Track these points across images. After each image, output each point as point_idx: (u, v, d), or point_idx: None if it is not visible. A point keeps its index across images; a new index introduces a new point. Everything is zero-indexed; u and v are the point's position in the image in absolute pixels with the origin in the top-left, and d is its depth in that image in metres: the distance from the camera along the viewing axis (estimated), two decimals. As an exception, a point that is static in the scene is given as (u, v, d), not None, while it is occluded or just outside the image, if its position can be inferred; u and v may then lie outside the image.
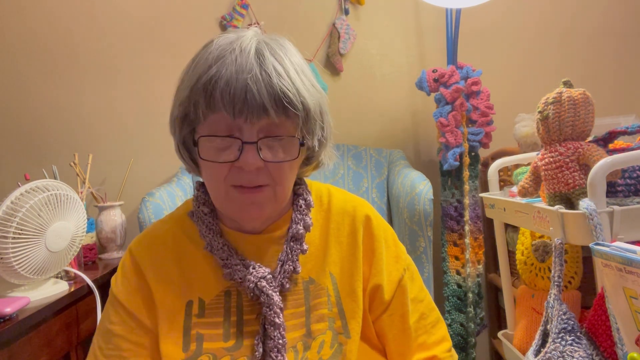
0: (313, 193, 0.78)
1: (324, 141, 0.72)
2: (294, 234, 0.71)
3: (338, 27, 1.89)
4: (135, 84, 1.86)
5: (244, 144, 0.61)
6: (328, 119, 0.71)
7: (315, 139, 0.68)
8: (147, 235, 0.76)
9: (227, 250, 0.69)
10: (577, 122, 0.90)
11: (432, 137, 1.91)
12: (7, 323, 0.93)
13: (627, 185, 0.92)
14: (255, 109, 0.59)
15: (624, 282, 0.63)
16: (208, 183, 0.69)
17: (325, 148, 0.74)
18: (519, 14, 1.97)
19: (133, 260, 0.73)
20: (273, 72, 0.60)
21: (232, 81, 0.59)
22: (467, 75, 1.59)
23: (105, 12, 1.84)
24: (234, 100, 0.59)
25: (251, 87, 0.58)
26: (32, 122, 1.83)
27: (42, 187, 1.07)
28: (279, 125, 0.63)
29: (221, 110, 0.60)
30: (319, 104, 0.67)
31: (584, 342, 0.81)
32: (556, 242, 0.88)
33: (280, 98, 0.60)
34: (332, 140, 0.75)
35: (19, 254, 1.02)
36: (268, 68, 0.60)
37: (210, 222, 0.72)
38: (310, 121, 0.65)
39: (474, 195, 1.63)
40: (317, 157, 0.75)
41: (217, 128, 0.62)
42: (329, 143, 0.74)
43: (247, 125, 0.61)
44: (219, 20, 1.86)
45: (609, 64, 1.99)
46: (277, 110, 0.60)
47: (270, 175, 0.64)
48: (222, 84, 0.59)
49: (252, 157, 0.61)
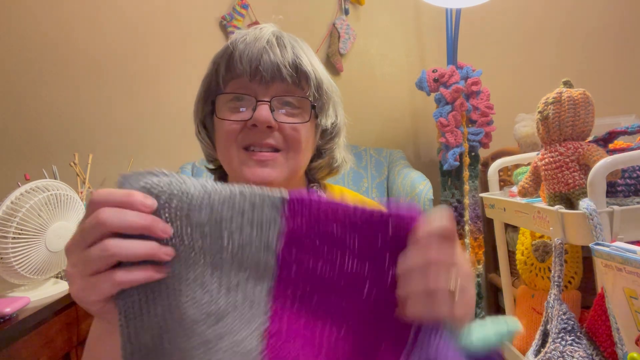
0: (327, 193, 0.79)
1: (337, 129, 0.73)
2: None
3: (338, 27, 1.89)
4: (135, 84, 1.86)
5: (258, 102, 0.64)
6: (341, 111, 0.75)
7: (329, 120, 0.70)
8: None
9: None
10: (577, 122, 0.90)
11: (432, 137, 1.91)
12: (7, 323, 0.93)
13: (627, 185, 0.92)
14: (270, 68, 0.63)
15: (624, 282, 0.63)
16: (221, 149, 0.69)
17: (339, 140, 0.75)
18: (519, 14, 1.97)
19: None
20: (289, 44, 0.66)
21: (250, 46, 0.64)
22: (467, 75, 1.59)
23: (105, 12, 1.84)
24: (250, 60, 0.64)
25: (267, 50, 0.64)
26: (32, 122, 1.83)
27: (42, 187, 1.07)
28: (292, 91, 0.66)
29: (239, 72, 0.64)
30: (331, 85, 0.71)
31: (584, 342, 0.81)
32: (556, 242, 0.88)
33: (293, 62, 0.65)
34: (346, 138, 0.76)
35: (19, 254, 1.02)
36: (284, 41, 0.66)
37: None
38: (322, 95, 0.68)
39: (474, 195, 1.63)
40: (331, 151, 0.75)
41: (235, 91, 0.66)
42: (342, 136, 0.76)
43: (262, 87, 0.65)
44: (219, 20, 1.86)
45: (609, 63, 1.99)
46: (290, 73, 0.64)
47: (283, 139, 0.65)
48: (241, 47, 0.65)
49: (264, 112, 0.63)
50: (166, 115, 1.86)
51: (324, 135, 0.73)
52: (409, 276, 0.37)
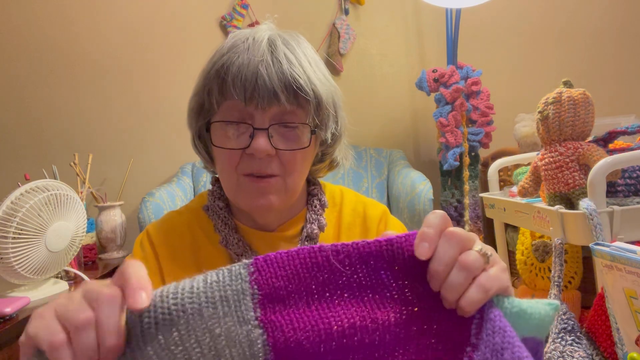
0: (326, 194, 0.78)
1: (338, 136, 0.71)
2: (309, 233, 0.71)
3: (338, 27, 1.89)
4: (135, 84, 1.86)
5: (255, 130, 0.62)
6: (342, 114, 0.72)
7: (328, 132, 0.68)
8: (164, 222, 0.76)
9: (242, 245, 0.69)
10: (577, 122, 0.90)
11: (432, 137, 1.91)
12: (7, 323, 0.93)
13: (627, 185, 0.92)
14: (266, 94, 0.60)
15: (624, 282, 0.63)
16: (221, 173, 0.69)
17: (339, 144, 0.74)
18: (519, 13, 1.97)
19: (151, 243, 0.72)
20: (284, 59, 0.61)
21: (243, 67, 0.60)
22: (467, 75, 1.59)
23: (105, 12, 1.84)
24: (245, 85, 0.60)
25: (262, 72, 0.60)
26: (32, 122, 1.83)
27: (42, 187, 1.07)
28: (291, 113, 0.63)
29: (233, 96, 0.61)
30: (331, 95, 0.67)
31: (584, 342, 0.81)
32: (556, 242, 0.88)
33: (290, 83, 0.61)
34: (346, 137, 0.75)
35: (19, 254, 1.02)
36: (279, 55, 0.61)
37: (225, 216, 0.71)
38: (322, 111, 0.66)
39: (474, 195, 1.63)
40: (332, 155, 0.74)
41: (230, 116, 0.63)
42: (343, 139, 0.74)
43: (258, 112, 0.62)
44: (219, 20, 1.86)
45: (609, 63, 1.99)
46: (287, 96, 0.61)
47: (281, 164, 0.64)
48: (234, 69, 0.60)
49: (262, 142, 0.61)
50: (166, 115, 1.86)
51: (324, 143, 0.71)
52: (441, 271, 0.35)
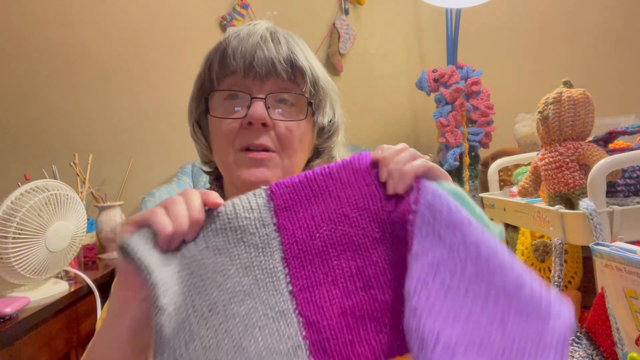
0: None
1: (335, 127, 0.72)
2: None
3: (338, 27, 1.89)
4: (135, 84, 1.86)
5: (253, 99, 0.63)
6: (339, 109, 0.73)
7: (325, 117, 0.69)
8: None
9: None
10: (577, 122, 0.89)
11: (432, 137, 1.91)
12: (7, 323, 0.93)
13: (627, 185, 0.92)
14: (264, 64, 0.62)
15: (624, 282, 0.63)
16: (218, 151, 0.68)
17: (337, 137, 0.74)
18: (519, 13, 1.97)
19: None
20: (283, 40, 0.65)
21: (243, 41, 0.63)
22: (467, 75, 1.59)
23: (105, 12, 1.84)
24: (244, 56, 0.62)
25: (261, 45, 0.63)
26: (32, 122, 1.83)
27: (42, 187, 1.07)
28: (288, 88, 0.65)
29: (233, 70, 0.63)
30: (327, 81, 0.69)
31: (584, 342, 0.81)
32: (556, 242, 0.88)
33: (288, 57, 0.64)
34: (345, 137, 0.75)
35: (19, 254, 1.02)
36: (279, 36, 0.65)
37: None
38: (319, 92, 0.67)
39: (474, 195, 1.63)
40: (330, 151, 0.74)
41: (229, 88, 0.65)
42: (341, 133, 0.74)
43: (256, 83, 0.64)
44: (219, 20, 1.86)
45: (609, 63, 1.99)
46: (285, 68, 0.63)
47: (277, 139, 0.64)
48: (235, 42, 0.64)
49: (259, 109, 0.62)
50: (166, 115, 1.86)
51: (322, 134, 0.72)
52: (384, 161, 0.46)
